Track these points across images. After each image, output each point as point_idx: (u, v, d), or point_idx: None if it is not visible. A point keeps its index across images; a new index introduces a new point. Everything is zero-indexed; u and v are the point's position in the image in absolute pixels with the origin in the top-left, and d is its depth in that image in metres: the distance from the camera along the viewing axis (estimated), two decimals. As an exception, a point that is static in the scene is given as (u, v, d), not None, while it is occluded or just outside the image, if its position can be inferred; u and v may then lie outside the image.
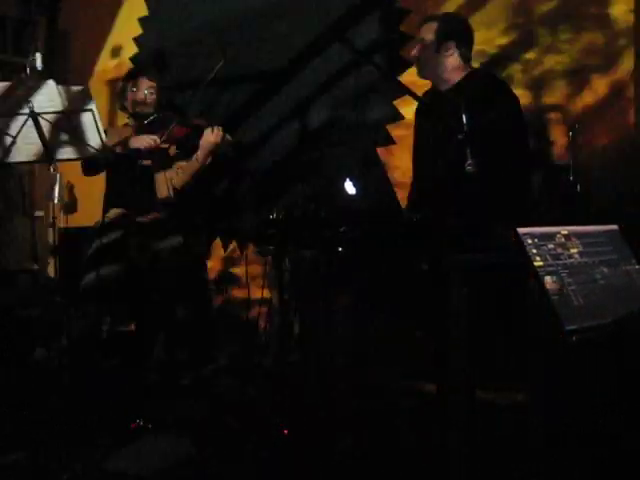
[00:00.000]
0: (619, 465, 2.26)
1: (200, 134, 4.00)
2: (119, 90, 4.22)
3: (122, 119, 4.44)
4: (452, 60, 3.40)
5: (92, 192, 4.22)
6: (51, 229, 5.04)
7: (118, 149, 3.91)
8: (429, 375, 3.24)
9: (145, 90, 4.13)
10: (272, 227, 3.45)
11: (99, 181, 4.19)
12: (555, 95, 4.03)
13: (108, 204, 4.06)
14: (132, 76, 4.20)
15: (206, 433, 3.37)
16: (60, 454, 3.11)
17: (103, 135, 3.48)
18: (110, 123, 5.03)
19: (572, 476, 2.37)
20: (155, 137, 3.94)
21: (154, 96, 4.14)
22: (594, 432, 2.31)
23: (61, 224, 4.91)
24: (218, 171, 4.18)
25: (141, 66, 4.47)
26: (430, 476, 2.83)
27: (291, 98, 4.58)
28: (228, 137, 4.04)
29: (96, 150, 3.43)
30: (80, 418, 3.41)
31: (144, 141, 3.94)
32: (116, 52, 5.46)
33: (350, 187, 3.32)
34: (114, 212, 4.03)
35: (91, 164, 3.92)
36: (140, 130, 4.06)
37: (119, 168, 4.00)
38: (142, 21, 5.19)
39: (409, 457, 2.93)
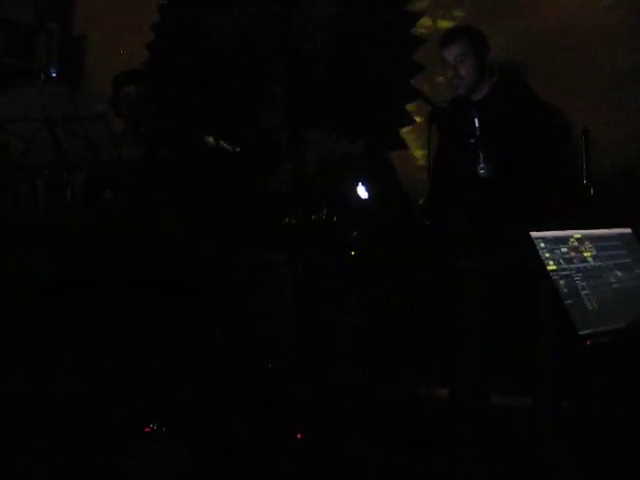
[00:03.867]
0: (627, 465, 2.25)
1: None
2: (112, 96, 4.14)
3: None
4: (486, 68, 3.41)
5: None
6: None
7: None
8: (442, 378, 3.24)
9: (134, 97, 4.07)
10: (285, 232, 3.47)
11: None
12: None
13: None
14: (119, 83, 4.14)
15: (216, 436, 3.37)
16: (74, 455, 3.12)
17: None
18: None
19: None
20: None
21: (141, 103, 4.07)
22: (602, 434, 2.31)
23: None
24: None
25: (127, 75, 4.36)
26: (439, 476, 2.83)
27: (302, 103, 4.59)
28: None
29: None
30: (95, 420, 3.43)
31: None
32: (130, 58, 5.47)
33: (362, 192, 3.33)
34: None
35: None
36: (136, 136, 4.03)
37: None
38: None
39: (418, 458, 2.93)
